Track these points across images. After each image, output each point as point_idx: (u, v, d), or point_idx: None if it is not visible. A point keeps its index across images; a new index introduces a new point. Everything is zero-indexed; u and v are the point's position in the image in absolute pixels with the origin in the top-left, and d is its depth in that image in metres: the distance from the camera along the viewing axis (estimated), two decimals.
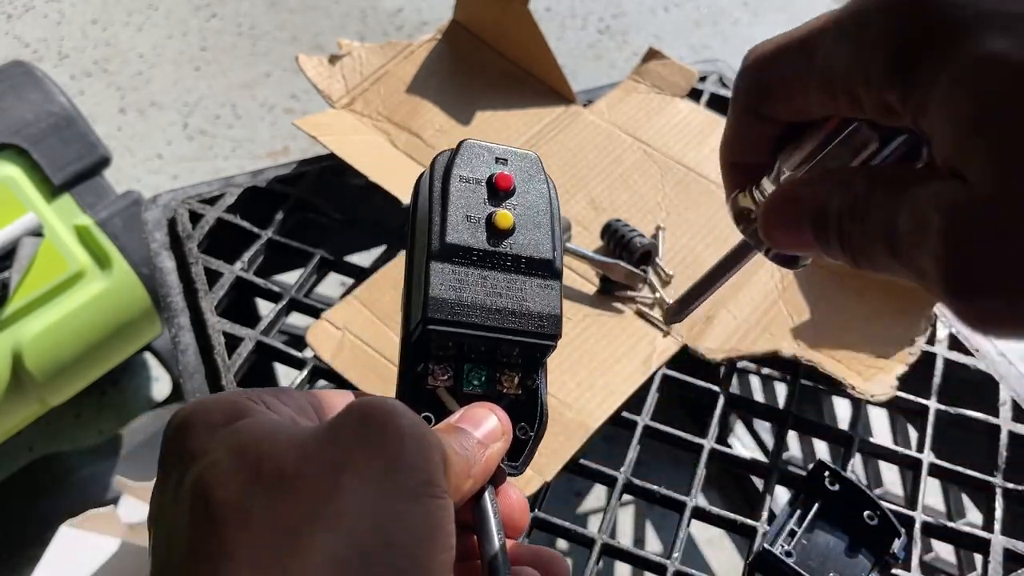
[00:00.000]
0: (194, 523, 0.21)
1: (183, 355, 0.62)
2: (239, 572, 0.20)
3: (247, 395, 0.25)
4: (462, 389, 0.29)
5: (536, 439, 0.29)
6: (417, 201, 0.30)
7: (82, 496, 1.10)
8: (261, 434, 0.23)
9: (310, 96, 1.71)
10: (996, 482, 0.57)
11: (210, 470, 0.22)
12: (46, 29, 1.83)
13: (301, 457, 0.22)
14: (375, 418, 0.22)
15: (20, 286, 0.95)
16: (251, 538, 0.21)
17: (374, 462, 0.22)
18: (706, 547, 1.13)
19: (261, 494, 0.21)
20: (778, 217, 0.22)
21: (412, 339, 0.28)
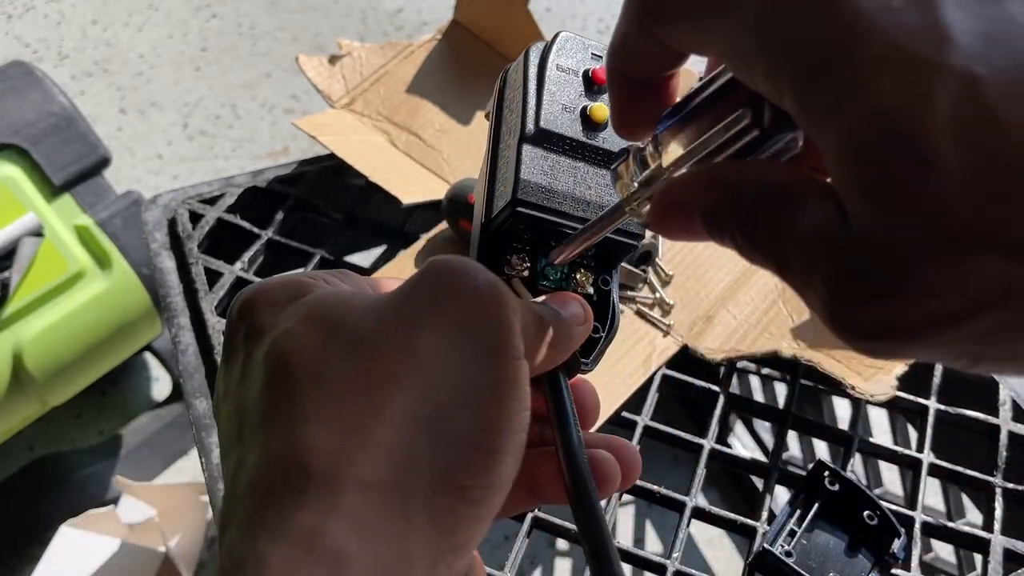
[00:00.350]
0: (270, 387, 0.21)
1: (183, 355, 0.62)
2: (315, 432, 0.20)
3: (308, 275, 0.25)
4: (538, 283, 0.28)
5: (607, 339, 0.29)
6: (504, 90, 0.29)
7: (82, 496, 1.11)
8: (333, 302, 0.22)
9: (310, 96, 1.71)
10: (996, 482, 0.57)
11: (284, 337, 0.22)
12: (46, 29, 1.83)
13: (376, 319, 0.22)
14: (452, 277, 0.22)
15: (20, 286, 0.95)
16: (326, 398, 0.21)
17: (450, 322, 0.22)
18: (706, 547, 1.13)
19: (337, 356, 0.21)
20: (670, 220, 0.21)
21: (493, 225, 0.28)
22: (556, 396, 0.26)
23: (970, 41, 0.15)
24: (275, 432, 0.21)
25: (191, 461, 1.21)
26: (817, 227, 0.17)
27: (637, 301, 0.64)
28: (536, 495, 0.27)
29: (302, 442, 0.20)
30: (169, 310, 0.65)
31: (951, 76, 0.14)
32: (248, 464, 0.21)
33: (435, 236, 0.68)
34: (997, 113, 0.14)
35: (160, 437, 1.19)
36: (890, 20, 0.15)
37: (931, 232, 0.15)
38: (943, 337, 0.16)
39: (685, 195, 0.20)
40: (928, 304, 0.15)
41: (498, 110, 0.29)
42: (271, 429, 0.21)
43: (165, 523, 1.00)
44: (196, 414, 0.59)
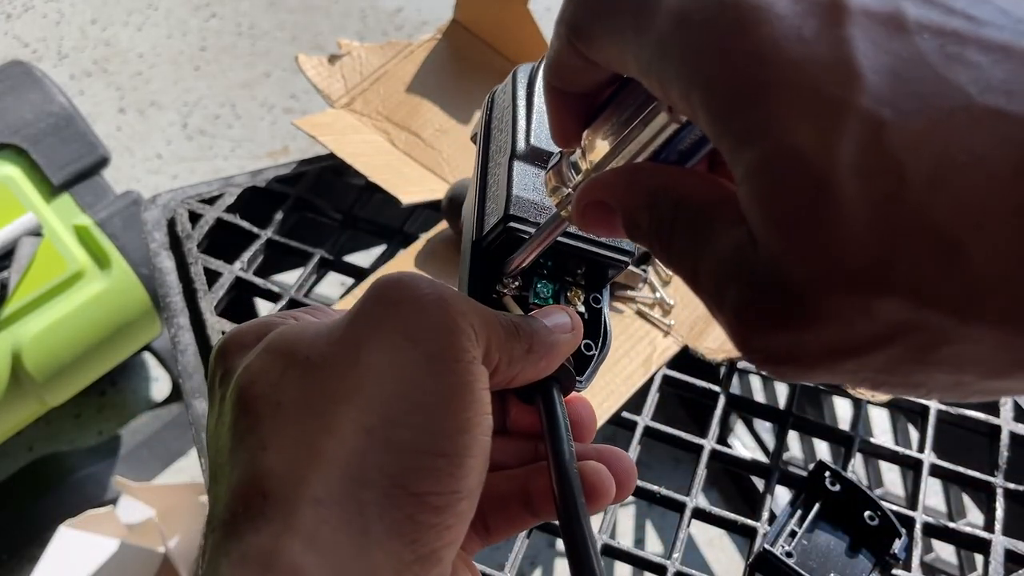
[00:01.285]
0: (235, 423, 0.22)
1: (182, 355, 0.62)
2: (272, 457, 0.21)
3: (278, 314, 0.26)
4: (529, 300, 0.28)
5: (600, 356, 0.29)
6: (492, 112, 0.29)
7: (81, 496, 1.10)
8: (288, 333, 0.23)
9: (310, 96, 1.71)
10: (997, 482, 0.57)
11: (243, 374, 0.23)
12: (45, 29, 1.83)
13: (326, 342, 0.22)
14: (394, 292, 0.23)
15: (19, 286, 0.95)
16: (283, 425, 0.21)
17: (393, 334, 0.22)
18: (706, 547, 1.12)
19: (290, 382, 0.22)
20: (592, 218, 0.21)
21: (485, 242, 0.28)
22: (548, 409, 0.26)
23: (878, 80, 0.15)
24: (239, 464, 0.21)
25: (190, 461, 1.20)
26: (729, 251, 0.17)
27: (637, 301, 0.64)
28: (533, 512, 0.26)
29: (260, 469, 0.21)
30: (168, 310, 0.65)
31: (858, 118, 0.15)
32: (220, 498, 0.22)
33: (435, 236, 0.68)
34: (899, 159, 0.14)
35: (159, 437, 1.19)
36: (801, 52, 0.15)
37: (833, 270, 0.15)
38: (844, 366, 0.16)
39: (605, 194, 0.21)
40: (829, 336, 0.16)
41: (486, 131, 0.29)
42: (236, 462, 0.21)
43: (164, 523, 1.00)
44: (195, 414, 0.59)
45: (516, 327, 0.25)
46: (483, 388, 0.22)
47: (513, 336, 0.24)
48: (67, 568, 0.94)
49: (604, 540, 0.53)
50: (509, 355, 0.24)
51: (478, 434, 0.22)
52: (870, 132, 0.14)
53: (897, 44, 0.15)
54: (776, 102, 0.15)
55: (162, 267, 0.68)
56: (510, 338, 0.24)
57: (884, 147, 0.14)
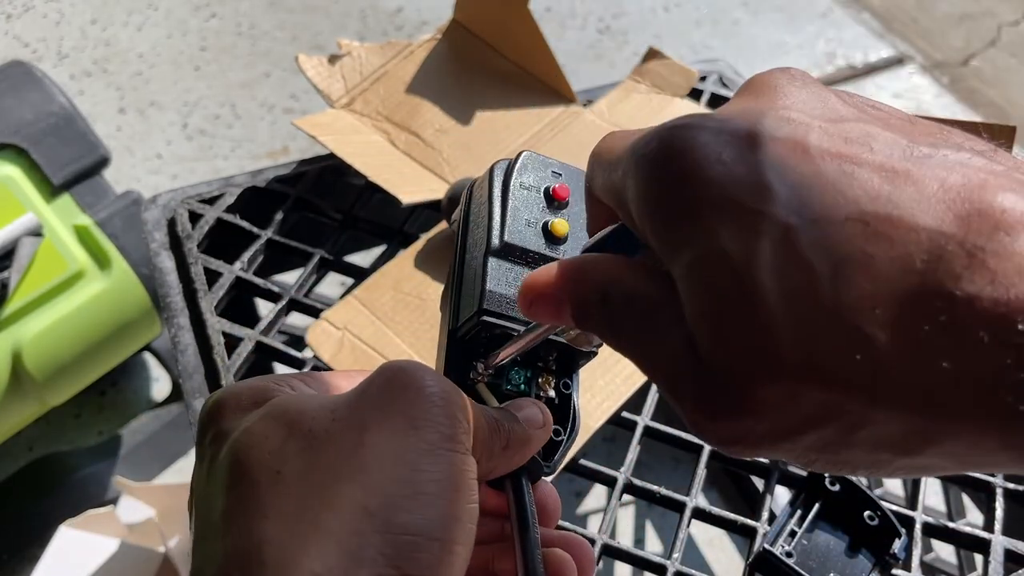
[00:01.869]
0: (230, 486, 0.23)
1: (183, 355, 0.62)
2: (271, 526, 0.21)
3: (275, 379, 0.26)
4: (503, 387, 0.30)
5: (568, 441, 0.30)
6: (471, 205, 0.31)
7: (81, 496, 1.10)
8: (292, 403, 0.24)
9: (310, 96, 1.71)
10: (996, 482, 0.57)
11: (243, 437, 0.23)
12: (45, 29, 1.83)
13: (330, 418, 0.23)
14: (400, 379, 0.24)
15: (20, 286, 0.95)
16: (283, 494, 0.22)
17: (398, 419, 0.23)
18: (706, 547, 1.13)
19: (292, 454, 0.23)
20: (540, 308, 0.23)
21: (460, 332, 0.29)
22: (517, 499, 0.27)
23: (787, 193, 0.17)
24: (235, 527, 0.22)
25: (190, 461, 1.20)
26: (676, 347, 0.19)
27: None
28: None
29: (258, 536, 0.21)
30: (168, 310, 0.65)
31: (771, 223, 0.17)
32: (212, 558, 0.22)
33: (435, 236, 0.68)
34: (807, 258, 0.17)
35: (159, 437, 1.19)
36: (721, 173, 0.18)
37: (759, 362, 0.17)
38: (782, 447, 0.18)
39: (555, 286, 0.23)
40: (766, 423, 0.18)
41: (464, 223, 0.31)
42: (232, 524, 0.22)
43: (164, 523, 1.00)
44: (195, 414, 0.59)
45: (497, 424, 0.26)
46: (473, 478, 0.24)
47: (494, 432, 0.26)
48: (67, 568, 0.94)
49: (604, 540, 0.53)
50: (489, 451, 0.26)
51: (467, 521, 0.23)
52: (782, 235, 0.17)
53: (802, 166, 0.18)
54: (701, 214, 0.18)
55: (162, 267, 0.68)
56: (491, 434, 0.26)
57: (795, 248, 0.17)
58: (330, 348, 0.61)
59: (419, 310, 0.63)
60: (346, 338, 0.61)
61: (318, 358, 0.61)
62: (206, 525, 0.23)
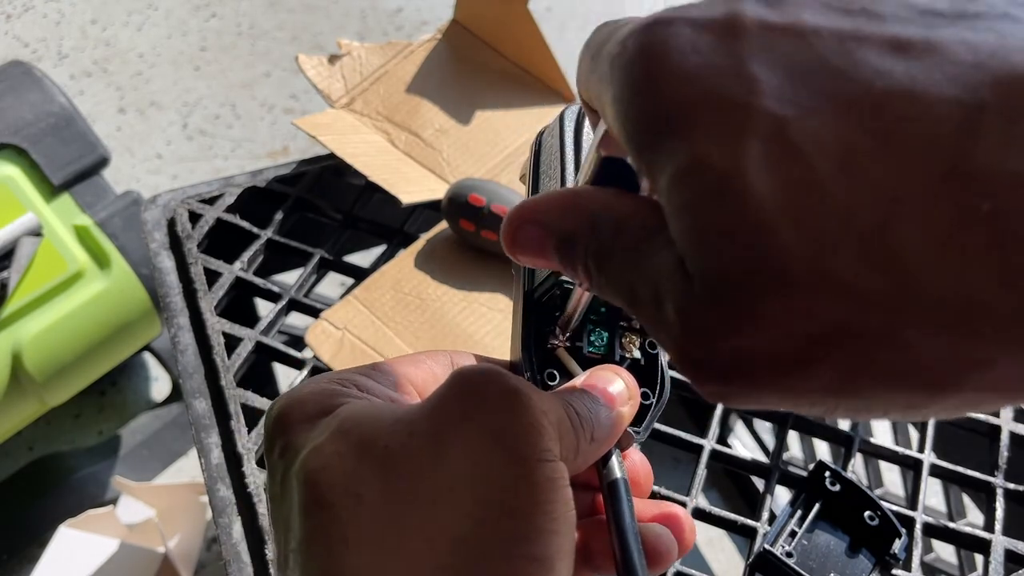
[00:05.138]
0: (305, 510, 0.21)
1: (182, 355, 0.62)
2: (355, 554, 0.20)
3: (339, 380, 0.24)
4: (583, 351, 0.28)
5: (658, 405, 0.28)
6: (540, 154, 0.29)
7: (81, 496, 1.10)
8: (362, 416, 0.22)
9: (310, 96, 1.71)
10: (997, 482, 0.57)
11: (314, 456, 0.22)
12: (45, 29, 1.83)
13: (407, 433, 0.22)
14: (476, 388, 0.22)
15: (19, 286, 0.95)
16: (363, 519, 0.20)
17: (480, 433, 0.21)
18: (706, 548, 1.13)
19: (369, 474, 0.21)
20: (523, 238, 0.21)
21: (536, 294, 0.27)
22: (609, 478, 0.25)
23: (777, 82, 0.15)
24: (316, 555, 0.21)
25: (190, 461, 1.20)
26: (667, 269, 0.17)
27: None
28: (592, 566, 0.26)
29: (343, 566, 0.20)
30: (168, 310, 0.65)
31: (759, 117, 0.15)
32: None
33: (435, 236, 0.68)
34: (805, 150, 0.14)
35: (159, 437, 1.19)
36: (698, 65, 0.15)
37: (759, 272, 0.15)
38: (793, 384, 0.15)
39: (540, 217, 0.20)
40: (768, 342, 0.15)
41: (535, 175, 0.29)
42: (312, 553, 0.21)
43: (164, 523, 1.00)
44: (195, 414, 0.59)
45: (580, 417, 0.24)
46: (566, 486, 0.22)
47: (578, 428, 0.24)
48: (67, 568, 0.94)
49: None
50: (575, 448, 0.23)
51: (566, 532, 0.21)
52: (775, 130, 0.14)
53: (795, 49, 0.15)
54: (678, 120, 0.16)
55: (162, 267, 0.68)
56: (576, 430, 0.24)
57: (790, 142, 0.14)
58: (330, 348, 0.60)
59: (419, 310, 0.63)
60: (346, 338, 0.61)
61: (318, 358, 0.60)
62: (285, 551, 0.22)
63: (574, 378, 0.26)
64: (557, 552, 0.21)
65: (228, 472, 0.56)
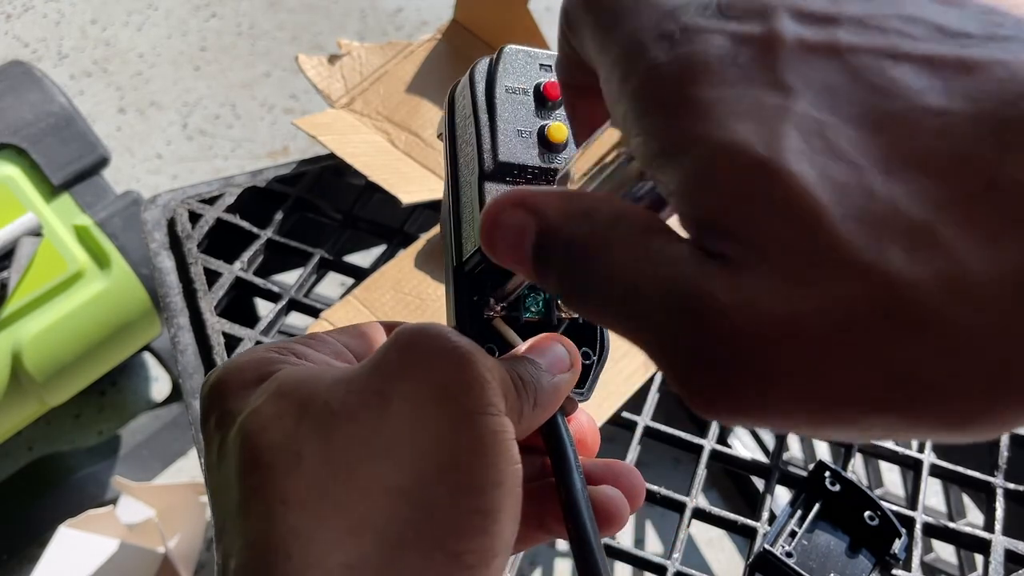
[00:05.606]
0: (243, 473, 0.21)
1: (182, 355, 0.62)
2: (295, 515, 0.20)
3: (276, 348, 0.24)
4: (521, 318, 0.27)
5: (599, 363, 0.28)
6: (454, 116, 0.28)
7: (81, 496, 1.10)
8: (301, 377, 0.22)
9: (310, 96, 1.71)
10: (997, 482, 0.57)
11: (252, 418, 0.21)
12: (45, 29, 1.83)
13: (347, 391, 0.21)
14: (420, 343, 0.22)
15: (19, 286, 0.95)
16: (304, 478, 0.20)
17: (423, 387, 0.21)
18: (706, 548, 1.12)
19: (309, 433, 0.21)
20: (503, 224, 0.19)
21: (466, 268, 0.26)
22: (555, 443, 0.25)
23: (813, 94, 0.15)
24: (254, 517, 0.20)
25: (190, 461, 1.20)
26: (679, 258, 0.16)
27: None
28: (546, 530, 0.26)
29: (282, 526, 0.20)
30: (168, 310, 0.65)
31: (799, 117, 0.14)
32: (233, 551, 0.20)
33: (435, 236, 0.68)
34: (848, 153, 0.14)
35: (159, 437, 1.19)
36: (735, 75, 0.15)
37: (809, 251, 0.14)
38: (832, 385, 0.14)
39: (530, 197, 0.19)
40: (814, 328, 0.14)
41: (451, 137, 0.27)
42: (250, 514, 0.20)
43: (164, 523, 1.00)
44: (195, 414, 0.59)
45: (523, 383, 0.24)
46: (511, 439, 0.21)
47: (521, 392, 0.23)
48: (67, 568, 0.94)
49: (604, 540, 0.53)
50: (519, 413, 0.23)
51: (512, 486, 0.21)
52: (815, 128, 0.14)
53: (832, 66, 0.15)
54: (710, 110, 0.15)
55: (162, 267, 0.68)
56: (519, 395, 0.23)
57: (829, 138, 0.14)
58: None
59: (419, 310, 0.63)
60: None
61: None
62: (224, 516, 0.21)
63: (514, 348, 0.26)
64: (502, 504, 0.21)
65: None
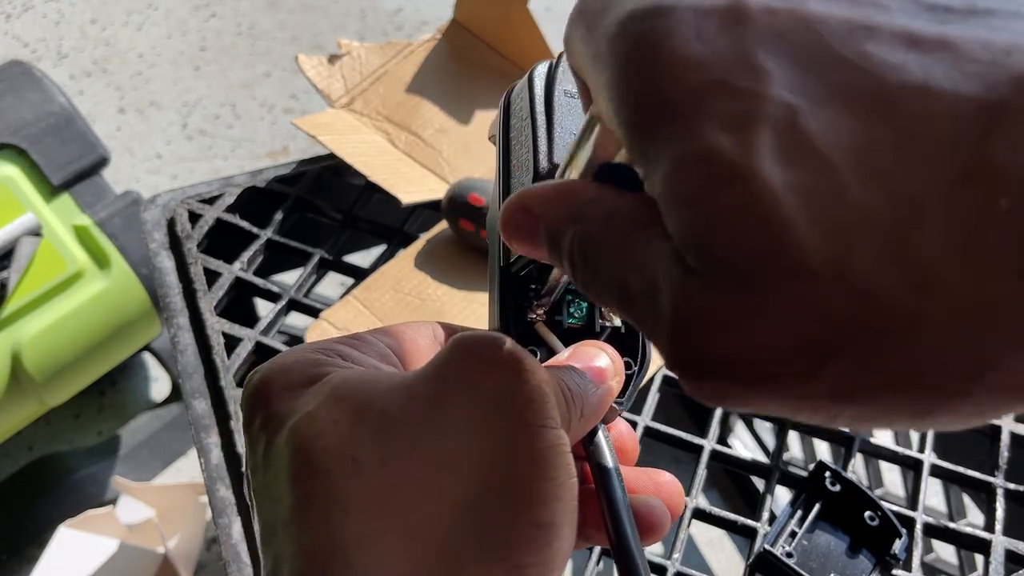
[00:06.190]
0: (297, 477, 0.20)
1: (182, 355, 0.62)
2: (355, 523, 0.19)
3: (322, 349, 0.24)
4: (564, 323, 0.27)
5: (640, 373, 0.27)
6: (510, 117, 0.28)
7: (80, 497, 1.10)
8: (357, 382, 0.21)
9: (310, 96, 1.71)
10: (997, 482, 0.57)
11: (307, 422, 0.21)
12: (45, 29, 1.83)
13: (406, 397, 0.21)
14: (480, 354, 0.21)
15: (19, 286, 0.95)
16: (361, 485, 0.20)
17: (482, 398, 0.21)
18: (707, 548, 1.12)
19: (366, 439, 0.20)
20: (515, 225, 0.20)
21: (513, 269, 0.26)
22: (597, 452, 0.25)
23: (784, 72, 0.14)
24: (311, 524, 0.20)
25: (190, 461, 1.20)
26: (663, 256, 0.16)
27: None
28: (585, 537, 0.26)
29: (342, 534, 0.19)
30: (168, 310, 0.65)
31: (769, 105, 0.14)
32: (285, 557, 0.20)
33: (435, 236, 0.68)
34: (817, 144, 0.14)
35: (159, 437, 1.19)
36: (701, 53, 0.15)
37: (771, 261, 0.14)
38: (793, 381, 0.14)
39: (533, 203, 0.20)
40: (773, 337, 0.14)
41: (505, 139, 0.27)
42: (306, 521, 0.20)
43: (164, 524, 1.00)
44: (195, 414, 0.59)
45: (572, 395, 0.23)
46: (568, 452, 0.21)
47: (570, 404, 0.23)
48: (67, 568, 0.94)
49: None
50: (567, 424, 0.23)
51: (570, 500, 0.21)
52: (785, 118, 0.14)
53: (802, 37, 0.14)
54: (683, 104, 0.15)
55: (162, 267, 0.68)
56: (568, 406, 0.23)
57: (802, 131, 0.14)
58: None
59: (419, 310, 0.63)
60: None
61: None
62: (273, 521, 0.21)
63: (558, 353, 0.26)
64: (561, 518, 0.20)
65: (228, 472, 0.56)
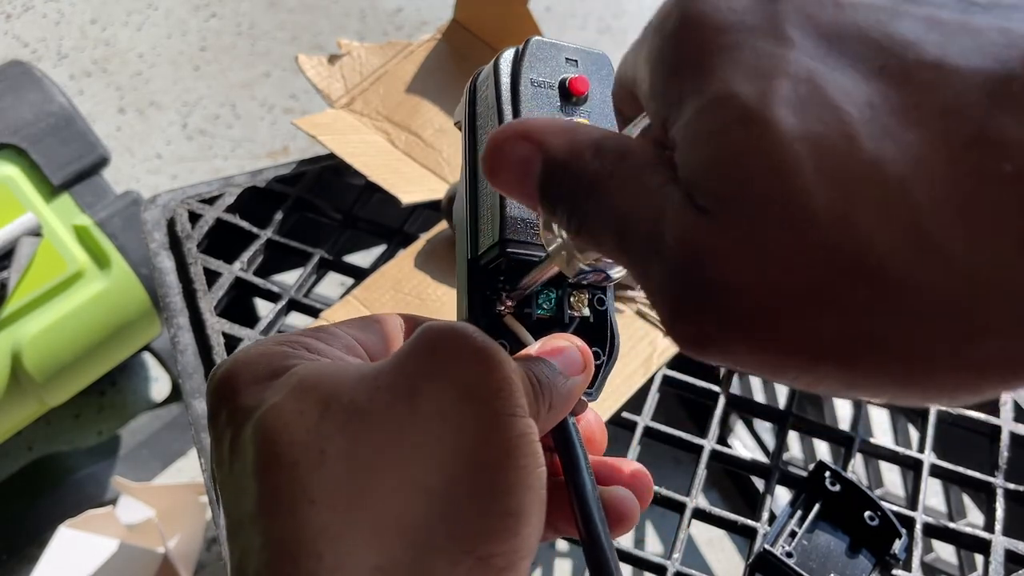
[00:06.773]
0: (263, 470, 0.20)
1: (182, 355, 0.62)
2: (322, 514, 0.19)
3: (287, 342, 0.23)
4: (533, 315, 0.27)
5: (609, 363, 0.27)
6: (475, 106, 0.27)
7: (81, 496, 1.10)
8: (322, 373, 0.21)
9: (310, 96, 1.71)
10: (997, 482, 0.57)
11: (272, 414, 0.21)
12: (45, 29, 1.83)
13: (373, 388, 0.21)
14: (448, 342, 0.21)
15: (19, 286, 0.95)
16: (331, 477, 0.19)
17: (450, 388, 0.21)
18: (706, 548, 1.12)
19: (333, 430, 0.20)
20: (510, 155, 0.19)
21: (481, 262, 0.26)
22: (565, 443, 0.25)
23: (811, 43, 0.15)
24: (278, 516, 0.19)
25: (190, 461, 1.20)
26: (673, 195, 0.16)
27: (637, 301, 0.64)
28: (555, 529, 0.26)
29: (310, 526, 0.19)
30: (168, 310, 0.65)
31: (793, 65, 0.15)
32: (252, 550, 0.20)
33: (435, 236, 0.68)
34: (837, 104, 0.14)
35: (159, 437, 1.19)
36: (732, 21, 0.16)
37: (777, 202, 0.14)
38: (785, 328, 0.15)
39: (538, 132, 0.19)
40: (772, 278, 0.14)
41: (471, 128, 0.27)
42: (273, 513, 0.20)
43: (164, 524, 1.00)
44: (195, 414, 0.59)
45: (539, 385, 0.23)
46: (537, 441, 0.21)
47: (539, 395, 0.23)
48: (67, 568, 0.94)
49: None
50: (536, 415, 0.23)
51: (539, 488, 0.21)
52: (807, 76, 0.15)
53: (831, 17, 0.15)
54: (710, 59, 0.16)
55: (162, 267, 0.68)
56: (537, 398, 0.23)
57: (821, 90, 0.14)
58: None
59: (419, 310, 0.63)
60: None
61: None
62: (240, 515, 0.20)
63: (528, 346, 0.26)
64: (530, 507, 0.20)
65: None
